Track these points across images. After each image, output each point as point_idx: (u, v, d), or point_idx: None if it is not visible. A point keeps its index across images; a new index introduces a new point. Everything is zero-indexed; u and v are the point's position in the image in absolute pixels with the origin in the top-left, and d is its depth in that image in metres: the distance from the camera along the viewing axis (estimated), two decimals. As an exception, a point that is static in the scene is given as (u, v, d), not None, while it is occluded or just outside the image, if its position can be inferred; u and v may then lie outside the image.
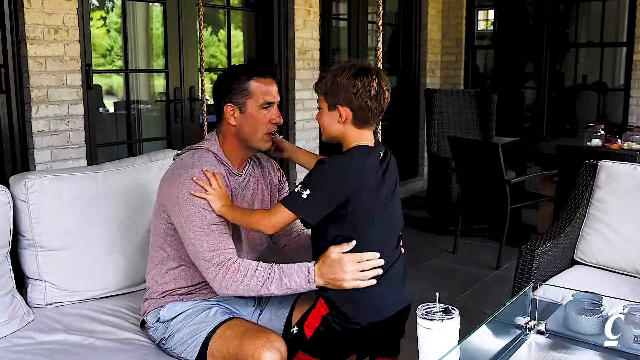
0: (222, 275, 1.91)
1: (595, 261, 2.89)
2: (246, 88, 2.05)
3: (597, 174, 2.99)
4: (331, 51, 5.94)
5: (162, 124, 4.67)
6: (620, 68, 6.82)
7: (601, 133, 4.71)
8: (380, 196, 1.88)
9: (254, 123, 2.06)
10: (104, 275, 2.50)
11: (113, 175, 2.58)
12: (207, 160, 2.06)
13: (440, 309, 1.53)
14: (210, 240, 1.95)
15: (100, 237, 2.49)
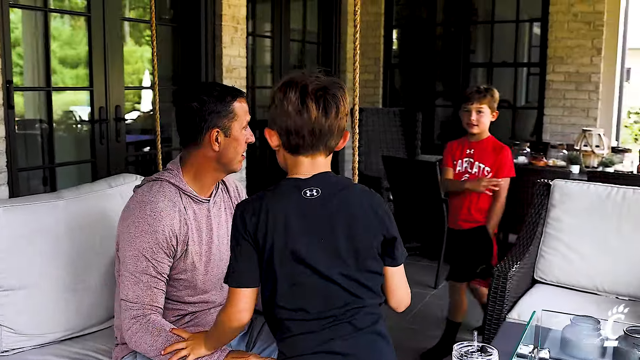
0: (135, 331, 1.83)
1: (555, 280, 2.93)
2: (232, 110, 1.94)
3: (551, 193, 3.05)
4: (257, 69, 5.80)
5: (85, 145, 4.34)
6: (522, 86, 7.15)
7: (527, 151, 4.87)
8: (298, 245, 1.52)
9: (236, 146, 1.97)
10: (67, 315, 2.27)
11: (73, 204, 2.37)
12: (164, 195, 1.92)
13: (477, 348, 1.44)
14: (136, 290, 1.86)
15: (61, 272, 2.26)
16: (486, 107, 3.30)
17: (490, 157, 3.35)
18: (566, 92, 6.18)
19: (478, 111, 3.29)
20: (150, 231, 1.86)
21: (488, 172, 3.34)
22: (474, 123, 3.32)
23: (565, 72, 6.16)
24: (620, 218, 2.88)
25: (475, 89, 3.34)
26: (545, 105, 6.28)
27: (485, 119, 3.32)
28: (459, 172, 3.44)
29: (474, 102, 3.29)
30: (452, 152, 3.50)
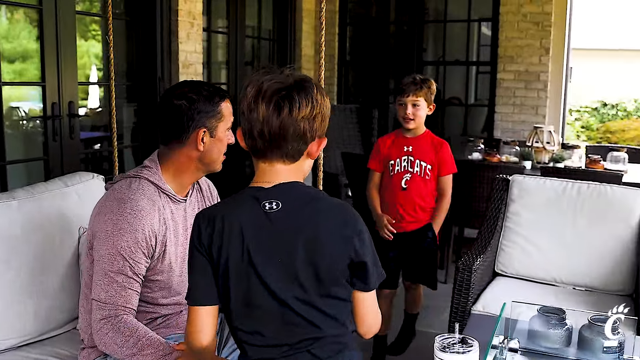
0: (105, 331, 1.79)
1: (515, 272, 3.01)
2: (220, 111, 1.93)
3: (510, 188, 3.12)
4: (212, 65, 5.74)
5: (35, 142, 4.22)
6: (472, 84, 7.30)
7: (481, 147, 4.97)
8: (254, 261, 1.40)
9: (220, 147, 1.96)
10: (24, 320, 2.19)
11: (28, 204, 2.28)
12: (143, 194, 1.88)
13: (458, 340, 1.47)
14: (109, 290, 1.81)
15: (17, 276, 2.17)
16: (422, 100, 3.08)
17: (431, 154, 3.15)
18: (516, 90, 6.34)
19: (414, 104, 3.07)
20: (129, 230, 1.82)
21: (429, 170, 3.14)
22: (410, 117, 3.08)
23: (515, 71, 6.32)
24: (576, 212, 2.98)
25: (411, 80, 3.09)
26: (496, 102, 6.42)
27: (422, 112, 3.10)
28: (398, 172, 3.17)
29: (410, 95, 3.05)
30: (386, 151, 3.22)
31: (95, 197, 2.50)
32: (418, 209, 3.18)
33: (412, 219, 3.19)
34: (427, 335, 3.59)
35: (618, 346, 1.90)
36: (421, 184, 3.15)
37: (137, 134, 5.05)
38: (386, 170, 3.21)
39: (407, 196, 3.15)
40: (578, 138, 11.82)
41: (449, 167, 3.18)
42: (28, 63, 4.32)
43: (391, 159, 3.18)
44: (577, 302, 2.71)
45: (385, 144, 3.23)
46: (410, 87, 3.06)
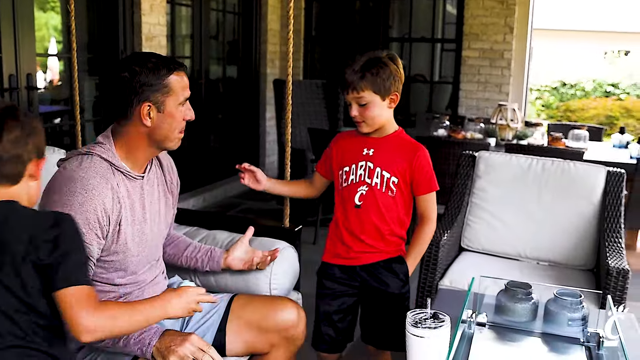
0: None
1: (481, 247, 3.05)
2: (167, 84, 1.79)
3: (476, 164, 3.15)
4: (176, 38, 5.63)
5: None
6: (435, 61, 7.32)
7: (447, 124, 5.00)
8: None
9: (172, 122, 1.83)
10: None
11: None
12: (96, 171, 1.77)
13: (430, 315, 1.48)
14: None
15: None
16: (370, 94, 2.12)
17: (399, 162, 2.19)
18: (481, 68, 6.39)
19: (359, 102, 2.13)
20: (80, 210, 1.70)
21: (394, 183, 2.19)
22: (358, 119, 2.17)
23: (480, 49, 6.35)
24: (541, 188, 3.01)
25: (351, 69, 2.13)
26: (461, 80, 6.47)
27: (375, 110, 2.14)
28: (352, 183, 2.22)
29: (350, 91, 2.13)
30: (339, 155, 2.29)
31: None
32: (377, 235, 2.23)
33: (368, 249, 2.23)
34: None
35: (582, 319, 1.94)
36: (382, 201, 2.19)
37: (98, 108, 4.94)
38: (337, 180, 2.28)
39: (360, 217, 2.21)
40: (539, 116, 12.00)
41: (427, 183, 2.22)
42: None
43: (345, 164, 2.24)
44: (541, 277, 2.76)
45: (340, 145, 2.31)
46: (349, 79, 2.12)
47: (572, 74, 13.58)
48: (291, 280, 2.39)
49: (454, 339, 1.55)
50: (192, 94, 1.92)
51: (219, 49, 6.43)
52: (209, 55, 6.02)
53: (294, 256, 2.39)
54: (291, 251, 2.38)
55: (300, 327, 2.09)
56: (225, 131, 6.42)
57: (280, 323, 2.03)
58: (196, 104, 1.89)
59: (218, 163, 6.15)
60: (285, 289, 2.35)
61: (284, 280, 2.32)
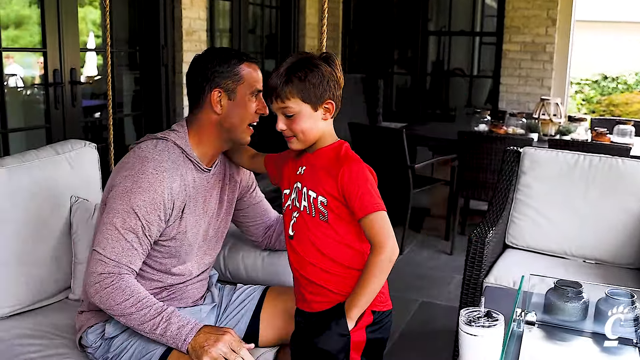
0: (104, 286, 1.71)
1: (525, 245, 2.99)
2: (238, 72, 1.84)
3: (521, 160, 3.09)
4: (216, 32, 5.65)
5: (38, 110, 4.16)
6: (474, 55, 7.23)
7: (487, 118, 4.93)
8: None
9: (242, 112, 1.86)
10: (15, 289, 2.13)
11: (18, 171, 2.19)
12: (168, 156, 1.81)
13: (484, 313, 1.45)
14: (116, 246, 1.74)
15: (8, 245, 2.12)
16: (297, 102, 1.70)
17: (324, 179, 1.72)
18: (522, 62, 6.28)
19: (285, 113, 1.72)
20: (149, 189, 1.75)
21: (323, 204, 1.72)
22: (287, 134, 1.75)
23: (521, 42, 6.25)
24: (588, 184, 2.94)
25: (276, 72, 1.72)
26: (502, 74, 6.37)
27: (305, 123, 1.71)
28: (287, 208, 1.82)
29: (274, 99, 1.73)
30: (285, 168, 1.87)
31: (87, 166, 2.48)
32: (318, 271, 1.75)
33: (315, 293, 1.77)
34: (434, 306, 3.61)
35: (635, 320, 1.88)
36: (314, 227, 1.73)
37: (139, 103, 4.98)
38: (285, 186, 1.86)
39: (295, 249, 1.78)
40: (579, 110, 11.77)
41: (361, 203, 1.67)
42: (22, 30, 4.24)
43: (284, 186, 1.86)
44: (587, 275, 2.70)
45: (286, 161, 1.88)
46: (270, 86, 1.73)
47: (613, 67, 13.26)
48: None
49: (507, 338, 1.52)
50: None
51: (257, 43, 6.44)
52: (247, 50, 6.04)
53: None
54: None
55: None
56: (264, 126, 6.42)
57: None
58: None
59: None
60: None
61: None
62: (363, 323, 1.70)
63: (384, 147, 4.44)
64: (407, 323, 3.40)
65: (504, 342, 1.50)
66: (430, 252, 4.54)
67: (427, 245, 4.69)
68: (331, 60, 1.75)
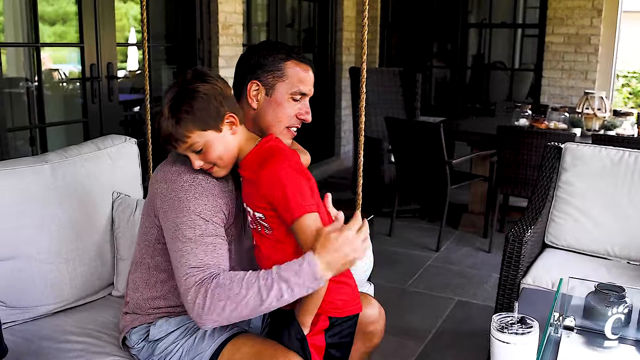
0: (203, 296, 1.52)
1: (566, 244, 2.89)
2: (281, 68, 1.72)
3: (562, 156, 2.98)
4: (253, 27, 5.64)
5: (76, 104, 4.20)
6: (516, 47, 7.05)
7: (528, 113, 4.79)
8: None
9: (278, 112, 1.74)
10: (59, 286, 2.14)
11: (60, 168, 2.21)
12: None
13: (517, 319, 1.38)
14: (198, 254, 1.58)
15: (52, 241, 2.12)
16: (199, 135, 1.61)
17: (254, 193, 1.62)
18: (565, 54, 6.10)
19: (194, 151, 1.63)
20: (206, 193, 1.64)
21: (262, 219, 1.63)
22: (206, 168, 1.66)
23: (564, 34, 6.06)
24: (633, 182, 2.82)
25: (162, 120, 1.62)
26: (544, 67, 6.19)
27: (216, 150, 1.63)
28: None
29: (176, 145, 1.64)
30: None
31: (128, 161, 2.47)
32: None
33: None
34: (470, 305, 3.53)
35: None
36: (267, 244, 1.67)
37: (176, 97, 4.99)
38: None
39: (260, 262, 1.73)
40: (625, 104, 11.40)
41: (285, 207, 1.56)
42: (68, 26, 4.29)
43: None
44: (631, 277, 2.58)
45: None
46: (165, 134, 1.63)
47: (662, 59, 12.80)
48: (365, 272, 2.34)
49: (542, 345, 1.45)
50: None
51: (295, 37, 6.40)
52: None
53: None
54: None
55: (380, 324, 2.02)
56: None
57: (360, 318, 1.97)
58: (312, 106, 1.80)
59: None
60: (360, 279, 2.29)
61: (357, 271, 2.27)
62: (319, 328, 1.66)
63: (421, 142, 4.35)
64: (442, 323, 3.32)
65: (539, 349, 1.43)
66: (467, 250, 4.44)
67: (464, 243, 4.59)
68: (203, 76, 1.64)
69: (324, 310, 1.65)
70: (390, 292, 3.63)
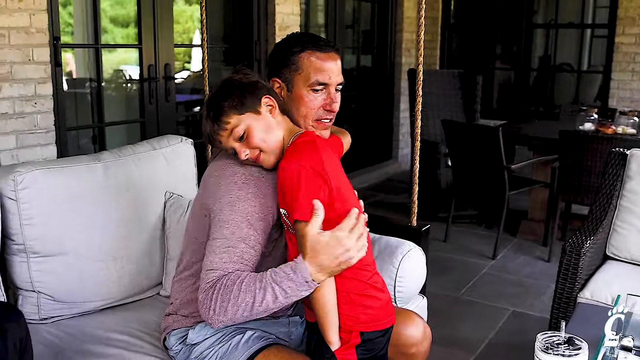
0: (210, 296, 1.52)
1: (629, 257, 2.72)
2: (295, 61, 1.66)
3: (627, 164, 2.82)
4: (310, 28, 5.61)
5: (135, 104, 4.27)
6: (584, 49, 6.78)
7: (594, 117, 4.58)
8: None
9: (301, 107, 1.68)
10: (107, 284, 2.16)
11: (114, 167, 2.24)
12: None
13: (564, 340, 1.28)
14: (223, 257, 1.55)
15: (102, 239, 2.15)
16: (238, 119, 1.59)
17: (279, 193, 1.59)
18: (636, 56, 5.81)
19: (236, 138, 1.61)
20: (257, 194, 1.60)
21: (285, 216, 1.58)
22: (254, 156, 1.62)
23: (636, 34, 5.78)
24: None
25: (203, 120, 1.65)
26: (613, 69, 5.92)
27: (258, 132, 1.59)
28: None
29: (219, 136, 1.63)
30: None
31: (183, 161, 2.48)
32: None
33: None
34: (526, 316, 3.39)
35: None
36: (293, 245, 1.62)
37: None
38: None
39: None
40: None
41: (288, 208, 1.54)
42: (132, 27, 4.37)
43: None
44: None
45: None
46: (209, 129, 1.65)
47: None
48: (417, 284, 2.26)
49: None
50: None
51: (354, 39, 6.34)
52: (344, 45, 5.95)
53: (421, 257, 2.26)
54: (417, 252, 2.24)
55: (424, 345, 1.91)
56: (358, 122, 6.33)
57: (402, 338, 1.86)
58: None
59: (351, 154, 6.08)
60: (411, 292, 2.24)
61: (410, 283, 2.20)
62: (351, 343, 1.59)
63: (479, 146, 4.22)
64: (495, 334, 3.20)
65: (589, 372, 1.33)
66: (526, 258, 4.28)
67: (522, 251, 4.42)
68: (238, 70, 1.67)
69: (348, 326, 1.57)
70: (443, 300, 3.53)
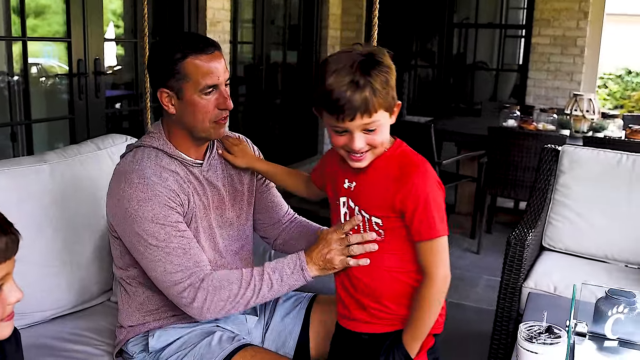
0: (202, 297, 1.58)
1: (564, 247, 2.88)
2: (180, 70, 1.62)
3: (559, 159, 2.98)
4: (239, 23, 5.56)
5: (59, 100, 4.10)
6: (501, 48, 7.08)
7: (517, 114, 4.80)
8: None
9: (196, 113, 1.65)
10: (56, 291, 2.06)
11: (60, 168, 2.12)
12: (150, 162, 1.67)
13: (544, 328, 1.35)
14: (173, 260, 1.58)
15: (49, 245, 2.04)
16: (382, 115, 1.41)
17: (382, 194, 1.48)
18: (551, 56, 6.13)
19: (367, 129, 1.41)
20: (148, 198, 1.60)
21: (378, 225, 1.51)
22: (358, 158, 1.46)
23: (551, 35, 6.09)
24: (631, 186, 2.82)
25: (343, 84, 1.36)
26: (530, 68, 6.22)
27: (383, 134, 1.45)
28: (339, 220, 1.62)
29: (356, 116, 1.38)
30: (328, 175, 1.65)
31: None
32: (369, 295, 1.55)
33: (363, 314, 1.57)
34: (463, 307, 3.51)
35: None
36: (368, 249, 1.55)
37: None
38: (332, 196, 1.63)
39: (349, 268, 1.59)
40: (603, 106, 11.56)
41: (427, 224, 1.45)
42: (41, 19, 4.17)
43: (331, 195, 1.64)
44: (632, 281, 2.59)
45: (329, 166, 1.66)
46: (353, 103, 1.36)
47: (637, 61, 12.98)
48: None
49: (567, 354, 1.43)
50: (252, 79, 1.77)
51: (280, 34, 6.34)
52: (269, 41, 5.94)
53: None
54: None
55: None
56: (284, 117, 6.34)
57: None
58: (255, 89, 1.76)
59: (276, 149, 6.09)
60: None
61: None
62: (426, 348, 1.58)
63: (411, 142, 4.30)
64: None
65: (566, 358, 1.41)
66: (456, 251, 4.43)
67: (453, 244, 4.58)
68: (387, 52, 1.45)
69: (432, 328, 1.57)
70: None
